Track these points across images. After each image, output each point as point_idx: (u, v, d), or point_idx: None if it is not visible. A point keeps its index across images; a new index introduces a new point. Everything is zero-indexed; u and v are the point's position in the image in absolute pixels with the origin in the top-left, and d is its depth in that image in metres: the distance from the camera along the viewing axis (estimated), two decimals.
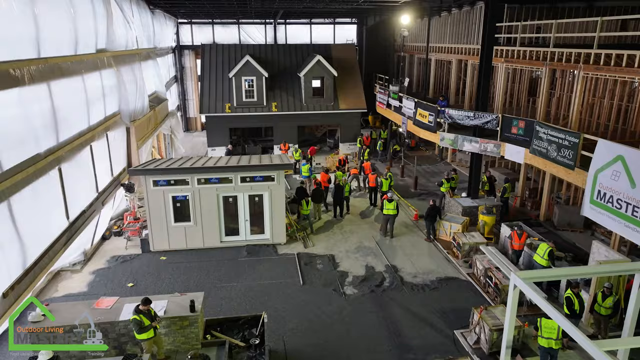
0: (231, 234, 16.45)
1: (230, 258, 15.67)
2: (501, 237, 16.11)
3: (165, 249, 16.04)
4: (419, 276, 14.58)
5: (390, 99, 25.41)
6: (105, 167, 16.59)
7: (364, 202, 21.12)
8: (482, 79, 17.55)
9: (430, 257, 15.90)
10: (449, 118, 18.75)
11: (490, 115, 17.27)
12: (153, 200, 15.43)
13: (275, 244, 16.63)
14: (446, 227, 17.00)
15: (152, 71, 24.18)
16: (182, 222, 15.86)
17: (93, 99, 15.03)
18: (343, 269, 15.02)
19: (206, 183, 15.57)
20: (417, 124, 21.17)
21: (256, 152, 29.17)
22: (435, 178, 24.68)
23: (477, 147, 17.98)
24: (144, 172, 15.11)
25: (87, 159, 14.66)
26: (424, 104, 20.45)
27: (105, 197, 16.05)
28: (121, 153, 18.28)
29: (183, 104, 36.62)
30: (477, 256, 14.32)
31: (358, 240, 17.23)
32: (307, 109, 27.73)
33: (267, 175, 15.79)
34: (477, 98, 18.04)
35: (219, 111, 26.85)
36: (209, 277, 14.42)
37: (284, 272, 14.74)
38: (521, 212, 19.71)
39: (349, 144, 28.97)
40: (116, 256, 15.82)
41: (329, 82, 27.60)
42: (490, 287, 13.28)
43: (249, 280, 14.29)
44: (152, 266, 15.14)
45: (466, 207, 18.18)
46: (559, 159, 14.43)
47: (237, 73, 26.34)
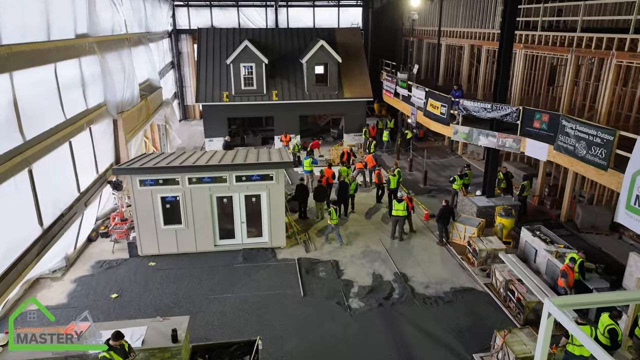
0: (226, 237, 15.14)
1: (225, 264, 14.38)
2: (521, 241, 14.71)
3: (154, 254, 14.76)
4: (432, 286, 13.26)
5: (399, 88, 23.83)
6: (89, 163, 15.24)
7: (370, 198, 19.72)
8: (501, 67, 15.95)
9: (443, 264, 14.56)
10: (464, 110, 17.22)
11: (509, 107, 15.74)
12: (140, 201, 14.09)
13: (274, 247, 15.32)
14: (460, 230, 15.62)
15: (144, 57, 22.62)
16: (172, 224, 14.54)
17: (71, 90, 13.60)
18: (348, 278, 13.71)
19: (198, 182, 14.21)
20: (428, 116, 19.64)
21: (256, 143, 27.75)
22: (445, 172, 23.23)
23: (495, 142, 16.49)
24: (129, 171, 13.74)
25: (66, 157, 13.32)
26: (436, 94, 18.89)
27: (89, 197, 14.74)
28: (108, 148, 16.90)
29: (180, 91, 35.08)
30: (496, 265, 12.95)
31: (364, 243, 15.88)
32: (310, 98, 26.17)
33: (265, 174, 14.41)
34: (495, 88, 16.47)
35: (216, 100, 25.34)
36: (201, 287, 13.15)
37: (283, 281, 13.45)
38: (540, 211, 18.29)
39: (353, 135, 27.45)
40: (101, 261, 14.55)
41: (333, 69, 25.98)
42: (512, 302, 11.93)
43: (245, 290, 13.01)
44: (139, 273, 13.88)
45: (481, 207, 16.76)
46: (588, 157, 12.95)
47: (235, 59, 24.76)
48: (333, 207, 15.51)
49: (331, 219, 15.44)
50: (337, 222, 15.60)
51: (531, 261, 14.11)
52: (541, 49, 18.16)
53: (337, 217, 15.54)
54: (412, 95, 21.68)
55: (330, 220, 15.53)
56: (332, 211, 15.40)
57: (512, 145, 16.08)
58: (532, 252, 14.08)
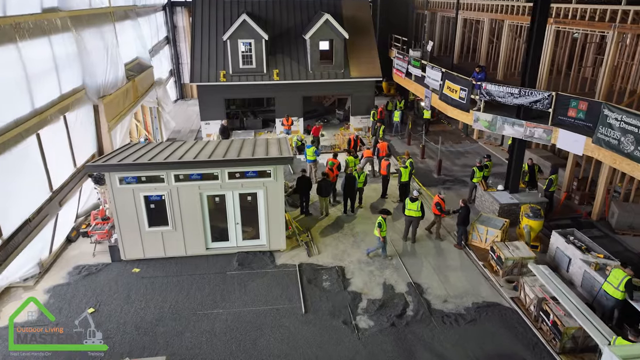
0: (219, 239, 13.56)
1: (217, 271, 12.84)
2: (551, 246, 13.03)
3: (139, 258, 13.24)
4: (451, 301, 11.66)
5: (411, 67, 21.75)
6: (64, 157, 13.58)
7: (378, 192, 17.98)
8: (532, 46, 13.92)
9: (463, 272, 12.94)
10: (486, 95, 15.28)
11: (540, 92, 13.78)
12: (121, 201, 12.47)
13: (273, 250, 13.75)
14: (481, 232, 13.93)
15: (131, 34, 20.63)
16: (158, 226, 12.95)
17: (38, 74, 11.81)
18: (355, 289, 12.13)
19: (186, 180, 12.53)
20: (445, 100, 17.68)
21: (256, 126, 25.90)
22: (460, 160, 21.40)
23: (522, 131, 14.60)
24: (106, 168, 12.05)
25: (33, 152, 11.64)
26: (454, 75, 16.87)
27: (64, 195, 13.13)
28: (88, 137, 15.19)
29: (176, 68, 33.05)
30: (526, 279, 11.30)
31: (373, 244, 14.24)
32: (314, 77, 24.10)
33: (261, 170, 12.69)
34: (524, 70, 14.48)
35: (212, 80, 23.36)
36: (189, 300, 11.63)
37: (282, 293, 11.90)
38: (567, 207, 16.52)
39: (360, 117, 25.50)
40: (80, 266, 13.04)
41: (339, 46, 23.83)
42: (545, 324, 10.33)
43: (239, 304, 11.48)
44: (121, 282, 12.37)
45: (504, 204, 15.03)
46: (637, 154, 11.11)
47: (232, 35, 22.66)
48: (382, 217, 12.97)
49: (381, 231, 12.97)
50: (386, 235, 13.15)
51: (562, 270, 12.48)
52: (576, 24, 16.02)
53: (386, 230, 13.10)
54: (426, 76, 19.64)
55: (379, 232, 13.02)
56: (382, 222, 12.93)
57: (541, 136, 14.20)
58: (564, 260, 12.41)
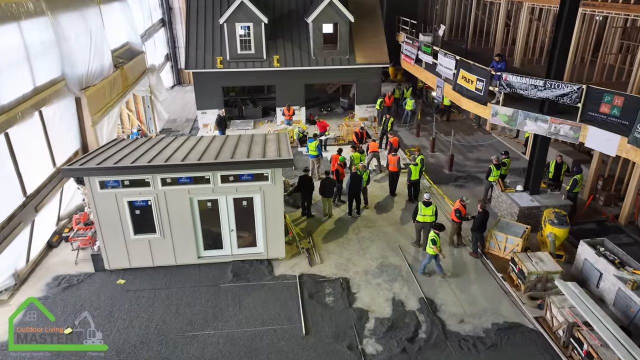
0: (213, 247, 12.38)
1: (210, 283, 11.69)
2: (578, 257, 11.79)
3: (125, 267, 12.10)
4: (468, 320, 10.49)
5: (421, 53, 20.20)
6: (41, 157, 12.34)
7: (385, 189, 16.72)
8: (561, 33, 12.43)
9: (480, 285, 11.74)
10: (507, 87, 13.85)
11: (569, 85, 12.36)
12: (103, 207, 11.26)
13: (271, 259, 12.58)
14: (500, 240, 12.69)
15: (120, 16, 19.15)
16: (144, 233, 11.77)
17: (5, 67, 10.49)
18: (361, 305, 10.97)
19: (174, 184, 11.28)
20: (459, 91, 16.24)
21: (256, 115, 24.52)
22: (473, 154, 20.04)
23: (546, 128, 13.22)
24: (83, 172, 10.80)
25: (1, 154, 10.40)
26: (470, 64, 15.39)
27: (41, 200, 11.95)
28: (70, 133, 13.94)
29: (173, 52, 31.51)
30: (553, 298, 10.09)
31: (380, 252, 13.08)
32: (317, 64, 22.60)
33: (258, 173, 11.43)
34: (551, 60, 13.02)
35: (208, 66, 21.89)
36: (178, 318, 10.51)
37: (281, 310, 10.76)
38: (592, 208, 15.21)
39: (366, 107, 24.04)
40: (60, 277, 11.92)
41: (344, 30, 22.25)
42: (576, 352, 9.16)
43: (232, 324, 10.35)
44: (104, 295, 11.25)
45: (524, 207, 13.75)
46: None
47: (229, 18, 21.12)
48: (435, 233, 11.51)
49: (435, 248, 11.54)
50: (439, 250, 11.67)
51: (591, 285, 11.28)
52: (607, 7, 14.46)
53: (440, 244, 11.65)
54: (438, 64, 18.15)
55: (434, 249, 11.57)
56: (436, 239, 11.48)
57: (568, 134, 12.82)
58: (593, 274, 11.18)
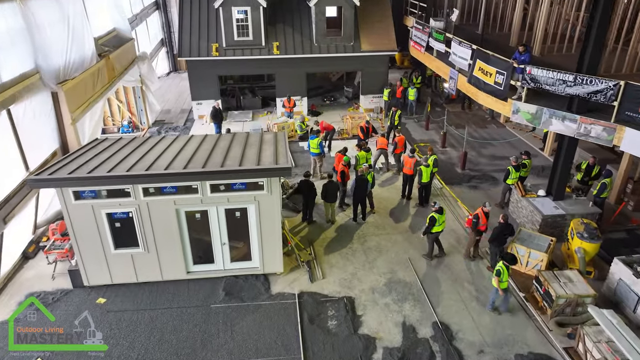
0: (203, 261, 11.18)
1: (199, 303, 10.53)
2: (611, 277, 10.53)
3: (106, 283, 10.95)
4: (488, 351, 9.32)
5: (432, 40, 18.62)
6: (10, 161, 11.08)
7: (394, 191, 15.44)
8: (597, 19, 10.93)
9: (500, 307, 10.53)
10: (531, 81, 12.40)
11: (604, 81, 10.91)
12: (78, 220, 10.04)
13: (268, 274, 11.38)
14: (522, 254, 11.43)
15: (106, 0, 17.66)
16: (126, 248, 10.57)
17: None
18: (368, 331, 9.80)
19: (158, 194, 10.02)
20: (475, 84, 14.77)
21: (255, 106, 23.13)
22: (487, 150, 18.66)
23: (574, 128, 11.82)
24: (51, 183, 9.53)
25: None
26: (488, 55, 13.91)
27: (11, 209, 10.74)
28: (46, 132, 12.65)
29: (168, 37, 29.94)
30: (587, 329, 8.87)
31: (388, 265, 11.86)
32: (319, 51, 21.08)
33: (252, 182, 10.15)
34: (583, 51, 11.55)
35: (203, 54, 20.42)
36: (162, 347, 9.37)
37: (278, 338, 9.59)
38: (620, 214, 13.87)
39: (372, 97, 22.58)
40: (35, 293, 10.79)
41: (349, 14, 20.68)
42: None
43: (223, 353, 9.21)
44: (81, 318, 10.12)
45: (547, 216, 12.46)
46: None
47: (225, 2, 19.57)
48: (503, 264, 9.79)
49: (501, 282, 9.85)
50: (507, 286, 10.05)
51: (627, 309, 10.06)
52: None
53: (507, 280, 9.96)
54: (451, 53, 16.63)
55: (497, 282, 9.88)
56: (503, 270, 9.77)
57: (600, 135, 11.42)
58: (630, 297, 9.95)
